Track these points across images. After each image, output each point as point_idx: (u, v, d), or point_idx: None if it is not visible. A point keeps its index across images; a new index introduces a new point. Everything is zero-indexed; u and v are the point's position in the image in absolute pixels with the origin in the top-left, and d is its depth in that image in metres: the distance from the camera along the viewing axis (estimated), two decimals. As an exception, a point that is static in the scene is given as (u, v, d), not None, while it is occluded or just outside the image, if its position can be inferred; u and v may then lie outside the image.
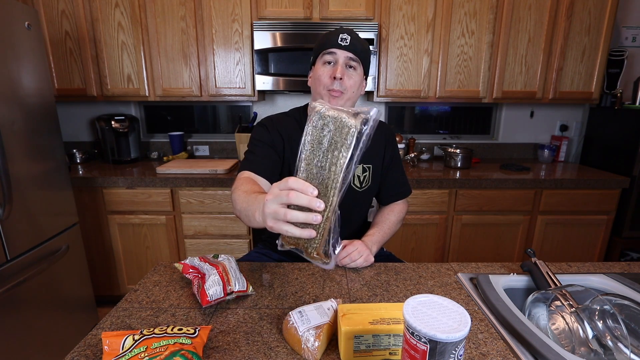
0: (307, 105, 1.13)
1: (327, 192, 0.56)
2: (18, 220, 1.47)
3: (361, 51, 0.99)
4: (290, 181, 0.56)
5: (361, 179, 1.10)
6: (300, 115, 1.12)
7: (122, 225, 2.08)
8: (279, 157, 1.05)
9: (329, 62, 0.98)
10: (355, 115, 0.56)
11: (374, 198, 1.22)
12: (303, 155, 0.58)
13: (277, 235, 1.18)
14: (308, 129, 0.57)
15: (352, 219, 1.16)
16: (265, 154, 1.03)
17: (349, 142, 0.55)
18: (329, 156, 0.56)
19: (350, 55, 0.97)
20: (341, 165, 0.55)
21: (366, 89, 2.11)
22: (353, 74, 0.99)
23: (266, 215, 0.58)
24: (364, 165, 1.10)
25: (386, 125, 1.18)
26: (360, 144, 0.56)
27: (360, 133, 0.55)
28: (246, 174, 0.97)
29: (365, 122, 0.56)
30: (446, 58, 2.15)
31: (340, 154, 0.55)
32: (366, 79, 1.07)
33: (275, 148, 1.04)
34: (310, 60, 1.08)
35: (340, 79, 0.96)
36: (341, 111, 0.56)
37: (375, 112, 0.56)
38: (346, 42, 0.96)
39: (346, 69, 0.98)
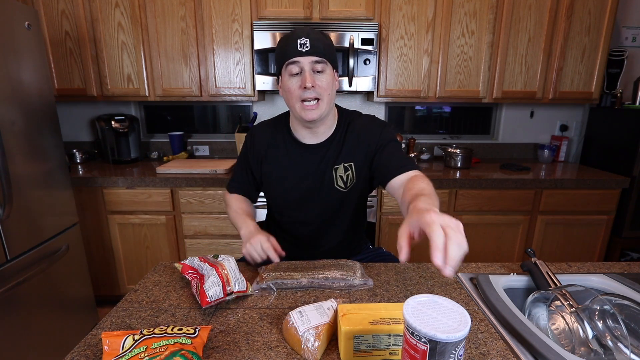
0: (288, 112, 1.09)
1: None
2: (18, 220, 1.47)
3: (324, 50, 0.93)
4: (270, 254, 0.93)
5: (344, 179, 1.05)
6: (282, 124, 1.09)
7: (122, 225, 2.08)
8: (254, 177, 1.14)
9: (296, 74, 0.93)
10: None
11: (372, 198, 1.20)
12: None
13: (280, 232, 1.17)
14: None
15: (340, 221, 1.11)
16: (245, 179, 1.16)
17: None
18: None
19: (315, 59, 0.91)
20: None
21: (366, 89, 2.12)
22: (323, 77, 0.94)
23: (244, 249, 0.97)
24: (345, 165, 1.04)
25: (369, 118, 1.08)
26: None
27: None
28: (234, 195, 1.18)
29: None
30: (446, 58, 2.15)
31: None
32: (337, 72, 1.01)
33: (251, 169, 1.13)
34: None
35: (313, 87, 0.92)
36: None
37: None
38: (307, 47, 0.90)
39: (315, 74, 0.93)
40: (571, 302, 0.72)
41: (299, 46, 0.91)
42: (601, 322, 0.68)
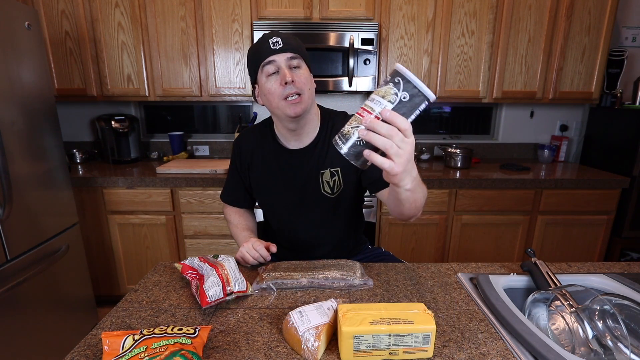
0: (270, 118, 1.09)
1: None
2: (18, 220, 1.47)
3: (297, 47, 0.93)
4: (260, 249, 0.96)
5: (331, 184, 1.03)
6: (267, 130, 1.08)
7: (122, 225, 2.08)
8: (244, 185, 1.16)
9: (273, 73, 0.92)
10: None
11: (372, 197, 1.20)
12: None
13: (275, 236, 1.17)
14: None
15: (333, 227, 1.10)
16: (236, 187, 1.18)
17: None
18: None
19: (289, 55, 0.91)
20: None
21: (366, 89, 2.12)
22: (301, 72, 0.93)
23: (238, 252, 0.99)
24: (331, 170, 1.03)
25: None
26: None
27: None
28: (232, 209, 1.22)
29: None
30: (446, 58, 2.15)
31: None
32: (310, 71, 1.00)
33: (241, 177, 1.15)
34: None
35: (292, 82, 0.90)
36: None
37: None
38: (279, 44, 0.91)
39: (292, 70, 0.92)
40: (571, 302, 0.72)
41: (271, 45, 0.91)
42: (601, 322, 0.68)
